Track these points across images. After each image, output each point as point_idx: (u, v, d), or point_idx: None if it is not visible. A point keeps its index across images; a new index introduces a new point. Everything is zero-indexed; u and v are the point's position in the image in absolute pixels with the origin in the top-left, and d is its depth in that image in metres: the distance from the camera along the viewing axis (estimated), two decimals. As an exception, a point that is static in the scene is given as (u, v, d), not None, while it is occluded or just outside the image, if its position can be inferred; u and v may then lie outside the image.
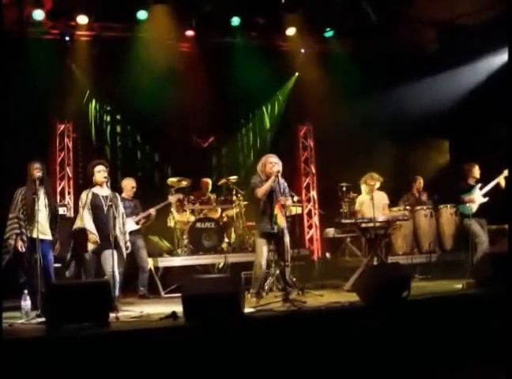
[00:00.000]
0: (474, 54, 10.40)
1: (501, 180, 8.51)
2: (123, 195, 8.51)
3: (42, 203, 6.73)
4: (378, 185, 8.80)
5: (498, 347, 5.23)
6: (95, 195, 6.81)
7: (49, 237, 6.84)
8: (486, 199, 8.53)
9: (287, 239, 7.18)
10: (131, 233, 8.35)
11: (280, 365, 5.07)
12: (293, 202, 7.81)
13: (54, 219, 6.95)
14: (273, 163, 7.22)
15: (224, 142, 11.84)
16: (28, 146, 8.93)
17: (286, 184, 7.41)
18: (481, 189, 8.59)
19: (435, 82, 10.61)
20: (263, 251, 7.15)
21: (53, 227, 6.89)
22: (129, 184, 8.66)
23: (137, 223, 8.49)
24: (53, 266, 6.93)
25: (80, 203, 6.85)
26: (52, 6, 9.47)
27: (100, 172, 6.84)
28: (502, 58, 10.16)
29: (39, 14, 9.39)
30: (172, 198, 9.04)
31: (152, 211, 8.62)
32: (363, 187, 8.98)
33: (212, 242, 9.25)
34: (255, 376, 5.01)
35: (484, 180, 8.67)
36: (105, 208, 6.74)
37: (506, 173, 8.45)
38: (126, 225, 7.09)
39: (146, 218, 8.61)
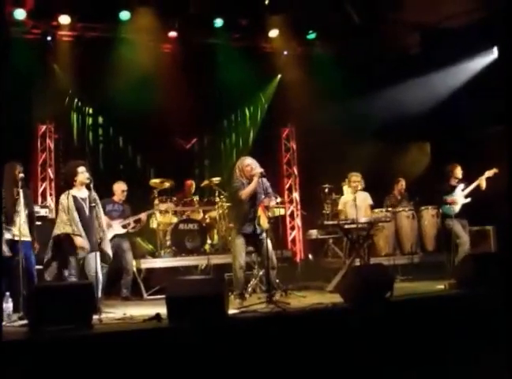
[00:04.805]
0: (456, 57, 10.48)
1: (482, 181, 8.61)
2: (114, 198, 8.53)
3: (22, 204, 6.66)
4: (361, 186, 8.82)
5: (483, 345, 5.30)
6: (75, 198, 6.69)
7: (29, 238, 6.78)
8: (468, 200, 8.62)
9: (269, 242, 7.09)
10: (116, 236, 8.33)
11: (264, 367, 5.07)
12: (276, 203, 7.78)
13: (32, 219, 6.88)
14: (250, 165, 7.19)
15: (207, 144, 11.84)
16: (9, 147, 8.81)
17: (269, 184, 7.36)
18: (463, 189, 8.67)
19: (417, 84, 10.66)
20: (241, 252, 7.12)
21: (31, 227, 6.82)
22: (119, 188, 8.63)
23: (125, 226, 8.45)
24: (35, 268, 6.87)
25: (60, 207, 6.72)
26: (34, 6, 9.37)
27: (84, 173, 6.74)
28: (483, 60, 10.29)
29: (20, 13, 9.31)
30: (162, 207, 9.05)
31: (143, 216, 8.62)
32: (345, 188, 9.03)
33: (195, 244, 9.22)
34: (240, 377, 5.01)
35: (465, 181, 8.75)
36: (86, 211, 6.67)
37: (487, 174, 8.55)
38: (112, 227, 7.03)
39: (136, 222, 8.59)
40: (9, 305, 5.97)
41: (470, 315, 5.80)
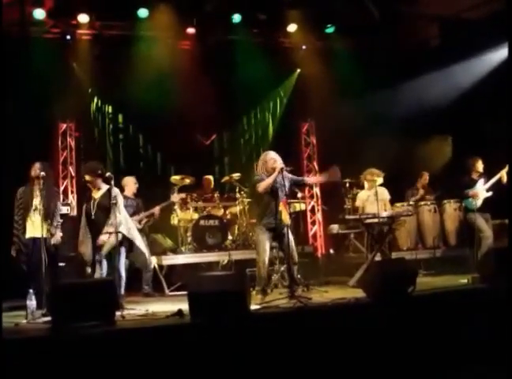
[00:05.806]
0: (477, 49, 10.36)
1: (502, 175, 8.53)
2: (126, 193, 8.47)
3: (38, 202, 6.71)
4: (379, 180, 8.77)
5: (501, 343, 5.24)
6: (88, 201, 6.91)
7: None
8: (490, 193, 8.56)
9: (291, 237, 7.10)
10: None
11: (286, 362, 5.06)
12: (297, 198, 7.74)
13: (50, 217, 6.89)
14: (273, 158, 7.16)
15: (227, 140, 11.85)
16: (31, 145, 8.93)
17: (291, 177, 7.28)
18: (484, 183, 8.60)
19: (438, 77, 10.56)
20: (266, 248, 7.09)
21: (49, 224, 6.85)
22: (130, 180, 8.63)
23: (140, 222, 8.45)
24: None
25: None
26: (53, 5, 9.48)
27: (90, 181, 6.92)
28: (504, 52, 10.14)
29: (40, 13, 9.39)
30: (175, 197, 9.02)
31: (156, 210, 8.61)
32: (365, 183, 8.99)
33: (216, 240, 9.23)
34: (262, 372, 5.00)
35: (487, 175, 8.67)
36: (92, 212, 6.80)
37: (508, 168, 8.47)
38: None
39: (149, 217, 8.59)
40: (32, 302, 6.02)
41: (493, 309, 5.73)
